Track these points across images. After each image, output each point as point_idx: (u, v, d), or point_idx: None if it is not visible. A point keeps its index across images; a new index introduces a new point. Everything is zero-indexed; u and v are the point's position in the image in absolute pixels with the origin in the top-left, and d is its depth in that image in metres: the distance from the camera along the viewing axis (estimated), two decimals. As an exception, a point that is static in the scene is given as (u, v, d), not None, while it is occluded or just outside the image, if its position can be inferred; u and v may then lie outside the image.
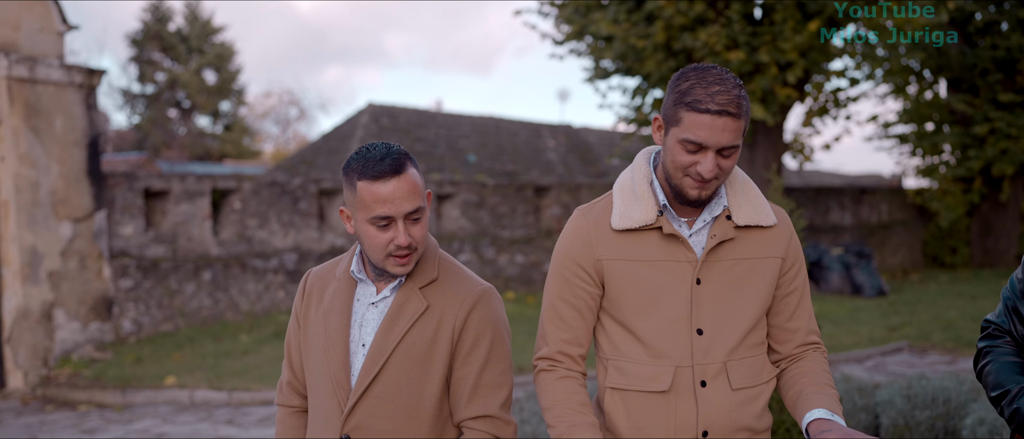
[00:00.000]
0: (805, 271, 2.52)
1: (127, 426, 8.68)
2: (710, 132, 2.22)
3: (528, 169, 26.20)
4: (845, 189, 22.40)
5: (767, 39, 14.83)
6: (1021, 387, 2.28)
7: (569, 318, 2.43)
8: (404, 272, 2.40)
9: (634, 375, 2.39)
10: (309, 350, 2.52)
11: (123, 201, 12.26)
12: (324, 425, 2.46)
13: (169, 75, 42.46)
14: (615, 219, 2.39)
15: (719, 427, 2.36)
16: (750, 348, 2.41)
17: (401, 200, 2.32)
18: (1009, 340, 2.42)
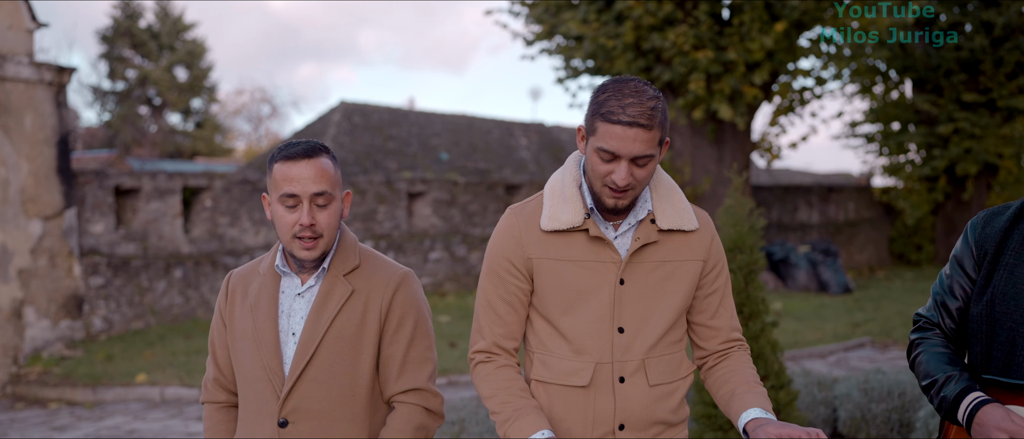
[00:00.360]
0: (727, 272, 2.63)
1: (98, 423, 8.73)
2: (622, 142, 2.31)
3: (500, 167, 26.30)
4: (813, 187, 22.67)
5: (735, 39, 15.02)
6: (948, 376, 2.43)
7: (503, 313, 2.53)
8: (309, 257, 2.52)
9: (557, 369, 2.50)
10: (238, 345, 2.63)
11: (93, 199, 12.26)
12: (258, 413, 2.58)
13: (140, 72, 42.20)
14: (544, 220, 2.48)
15: (635, 421, 2.47)
16: (668, 346, 2.53)
17: (308, 181, 2.47)
18: (938, 332, 2.56)
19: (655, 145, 2.37)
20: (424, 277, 16.43)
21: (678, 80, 15.55)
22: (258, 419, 2.58)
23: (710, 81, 15.46)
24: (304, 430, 2.54)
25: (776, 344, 5.61)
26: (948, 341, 2.54)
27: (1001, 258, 2.42)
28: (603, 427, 2.47)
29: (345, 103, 25.69)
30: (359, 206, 15.72)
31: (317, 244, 2.52)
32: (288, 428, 2.53)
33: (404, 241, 16.20)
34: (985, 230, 2.49)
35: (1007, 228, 2.44)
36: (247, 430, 2.61)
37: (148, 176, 13.05)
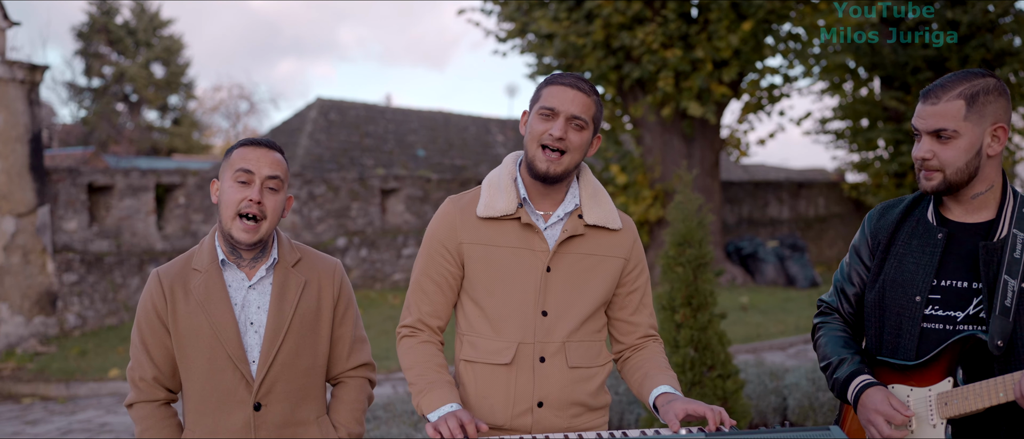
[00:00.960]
0: (647, 273, 2.83)
1: (70, 418, 8.86)
2: (561, 100, 2.58)
3: (477, 163, 26.45)
4: (783, 183, 22.96)
5: (702, 38, 15.25)
6: (842, 358, 2.63)
7: (431, 292, 2.73)
8: (248, 240, 2.69)
9: (483, 349, 2.68)
10: (189, 341, 2.76)
11: (66, 196, 12.37)
12: (223, 402, 2.73)
13: (116, 69, 42.06)
14: (480, 207, 2.68)
15: (553, 400, 2.65)
16: (589, 333, 2.71)
17: (264, 164, 2.71)
18: (838, 317, 2.76)
19: (590, 115, 2.61)
20: (397, 273, 16.59)
21: (647, 77, 15.77)
22: (225, 409, 2.73)
23: (679, 79, 15.68)
24: (277, 410, 2.74)
25: (723, 335, 5.82)
26: (846, 325, 2.74)
27: (892, 248, 2.63)
28: (523, 404, 2.64)
29: (322, 100, 25.77)
30: (333, 202, 15.86)
31: (259, 227, 2.69)
32: (262, 411, 2.73)
33: (377, 237, 16.36)
34: (879, 222, 2.69)
35: (899, 220, 2.65)
36: (210, 421, 2.74)
37: (121, 173, 13.15)
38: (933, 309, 2.51)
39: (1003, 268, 2.43)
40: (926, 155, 2.48)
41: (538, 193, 2.70)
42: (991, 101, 2.46)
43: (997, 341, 2.37)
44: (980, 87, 2.45)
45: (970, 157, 2.47)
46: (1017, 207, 2.51)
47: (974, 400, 2.36)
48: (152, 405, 2.83)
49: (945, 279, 2.52)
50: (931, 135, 2.48)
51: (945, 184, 2.49)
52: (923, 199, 2.66)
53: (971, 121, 2.45)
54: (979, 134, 2.46)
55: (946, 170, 2.48)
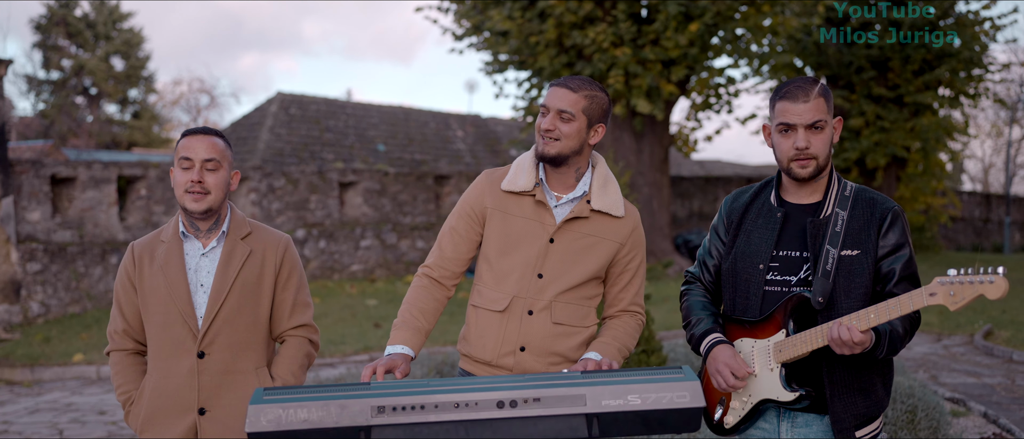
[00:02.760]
0: (642, 258, 3.35)
1: (36, 399, 9.24)
2: (550, 98, 3.17)
3: (437, 158, 26.85)
4: (733, 178, 23.64)
5: (651, 38, 15.82)
6: (698, 319, 3.16)
7: (457, 243, 3.30)
8: (198, 208, 3.23)
9: (486, 297, 3.24)
10: (150, 300, 3.30)
11: (30, 187, 12.71)
12: (175, 351, 3.27)
13: (75, 62, 41.98)
14: (505, 182, 3.26)
15: (534, 347, 3.19)
16: (577, 298, 3.23)
17: (201, 150, 3.23)
18: (700, 285, 3.29)
19: (578, 109, 3.14)
20: (355, 264, 17.03)
21: (598, 75, 16.31)
22: (176, 355, 3.26)
23: (629, 77, 16.25)
24: (218, 359, 3.26)
25: (647, 313, 6.39)
26: (707, 292, 3.27)
27: (742, 225, 3.16)
28: (509, 346, 3.18)
29: (282, 94, 26.05)
30: (292, 195, 16.27)
31: (205, 198, 3.23)
32: (205, 358, 3.25)
33: (335, 229, 16.79)
34: (733, 204, 3.23)
35: (748, 203, 3.19)
36: (164, 367, 3.28)
37: (84, 166, 13.50)
38: (773, 274, 3.05)
39: (826, 239, 2.97)
40: (805, 145, 2.97)
41: (554, 177, 3.24)
42: (831, 99, 3.01)
43: (818, 298, 2.91)
44: (826, 88, 2.99)
45: (830, 145, 3.01)
46: (840, 190, 3.05)
47: (800, 346, 2.90)
48: (123, 353, 3.39)
49: (782, 250, 3.05)
50: (807, 128, 2.97)
51: (817, 169, 2.99)
52: (768, 185, 3.19)
53: (829, 113, 2.99)
54: (832, 125, 3.01)
55: (819, 157, 2.98)
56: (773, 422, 3.08)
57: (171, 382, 3.25)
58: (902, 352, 9.46)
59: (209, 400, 3.24)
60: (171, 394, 3.25)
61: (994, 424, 6.38)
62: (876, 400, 2.99)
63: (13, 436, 7.58)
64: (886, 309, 2.72)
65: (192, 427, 3.23)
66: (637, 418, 2.68)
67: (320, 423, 2.62)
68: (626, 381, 2.69)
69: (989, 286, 2.59)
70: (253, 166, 16.14)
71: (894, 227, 2.96)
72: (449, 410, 2.64)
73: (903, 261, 2.94)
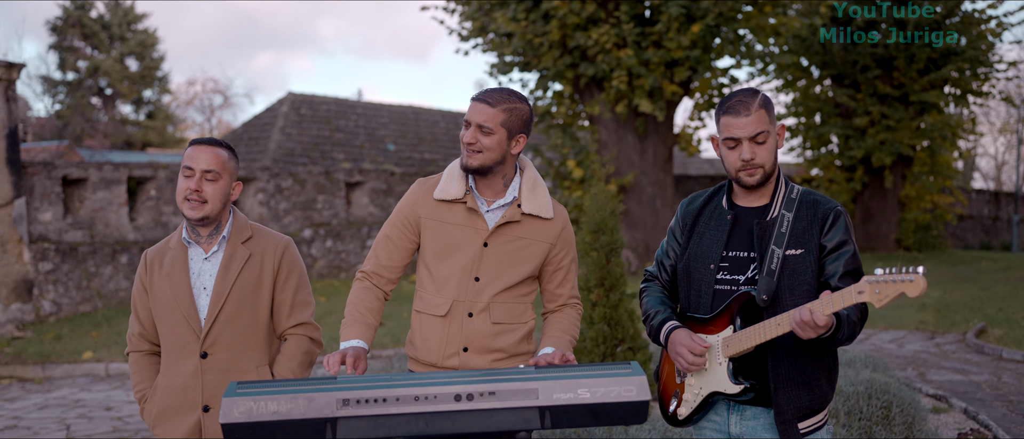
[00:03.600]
0: (573, 255, 3.54)
1: (46, 395, 9.48)
2: (471, 112, 3.31)
3: (446, 157, 27.02)
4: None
5: (654, 39, 15.97)
6: (656, 312, 3.33)
7: (390, 249, 3.46)
8: (195, 215, 3.42)
9: (428, 302, 3.41)
10: (159, 304, 3.51)
11: (42, 188, 12.96)
12: (181, 352, 3.46)
13: (91, 63, 42.37)
14: (437, 191, 3.40)
15: (476, 346, 3.36)
16: (513, 297, 3.41)
17: (202, 161, 3.41)
18: (658, 283, 3.46)
19: (496, 122, 3.28)
20: (361, 262, 17.23)
21: (602, 76, 16.48)
22: (181, 357, 3.46)
23: (632, 78, 16.40)
24: (220, 358, 3.44)
25: (633, 313, 6.55)
26: (664, 289, 3.45)
27: (696, 228, 3.34)
28: (453, 347, 3.36)
29: (293, 94, 26.28)
30: (299, 195, 16.49)
31: (202, 207, 3.42)
32: (208, 358, 3.43)
33: (342, 228, 17.01)
34: (688, 207, 3.40)
35: (701, 207, 3.36)
36: (172, 367, 3.48)
37: (95, 167, 13.75)
38: (723, 274, 3.22)
39: (772, 240, 3.14)
40: (751, 156, 3.15)
41: (483, 184, 3.39)
42: (772, 109, 3.18)
43: (763, 295, 3.08)
44: (766, 97, 3.16)
45: (775, 152, 3.18)
46: (786, 194, 3.22)
47: (746, 341, 3.07)
48: (139, 354, 3.60)
49: (731, 250, 3.22)
50: (751, 140, 3.15)
51: (764, 177, 3.17)
52: (720, 190, 3.36)
53: (771, 123, 3.16)
54: (775, 134, 3.18)
55: (765, 165, 3.16)
56: (723, 414, 3.25)
57: (178, 381, 3.45)
58: (892, 349, 9.60)
59: (212, 398, 3.42)
60: (178, 392, 3.44)
61: (973, 420, 6.52)
62: (820, 393, 3.15)
63: (22, 431, 7.80)
64: (819, 304, 2.88)
65: (197, 424, 3.41)
66: (586, 411, 2.85)
67: (289, 415, 2.80)
68: (576, 376, 2.86)
69: (909, 284, 2.75)
70: (261, 167, 16.36)
71: (836, 226, 3.13)
72: (409, 403, 2.82)
73: (846, 258, 3.11)
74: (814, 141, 23.04)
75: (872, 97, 21.71)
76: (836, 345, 3.07)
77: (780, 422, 3.11)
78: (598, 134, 17.54)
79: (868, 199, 23.07)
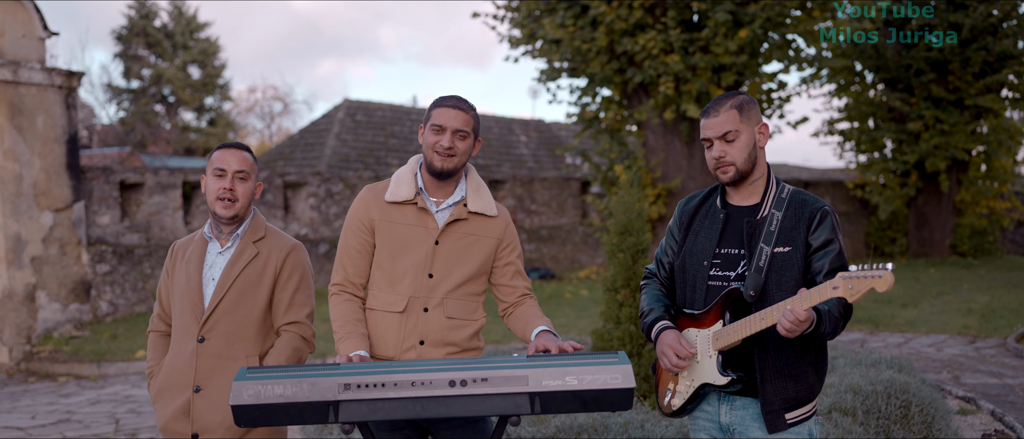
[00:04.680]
0: (519, 249, 3.71)
1: (98, 392, 9.83)
2: (446, 117, 3.47)
3: (499, 163, 27.21)
4: (787, 182, 23.58)
5: (701, 45, 16.01)
6: (651, 309, 3.46)
7: (354, 257, 3.62)
8: (227, 214, 3.66)
9: (383, 300, 3.57)
10: (175, 290, 3.78)
11: (100, 193, 13.39)
12: (185, 335, 3.71)
13: (154, 71, 43.36)
14: (387, 194, 3.59)
15: (432, 340, 3.52)
16: (465, 294, 3.58)
17: (233, 161, 3.66)
18: (656, 280, 3.59)
19: (470, 127, 3.49)
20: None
21: (649, 81, 16.55)
22: (185, 339, 3.71)
23: (679, 83, 16.45)
24: (215, 344, 3.67)
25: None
26: (662, 287, 3.58)
27: (692, 226, 3.46)
28: (409, 342, 3.52)
29: (349, 101, 26.67)
30: (348, 200, 16.79)
31: (234, 206, 3.67)
32: (205, 343, 3.67)
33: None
34: (685, 207, 3.53)
35: (697, 207, 3.49)
36: (176, 348, 3.75)
37: (151, 172, 14.17)
38: (715, 270, 3.34)
39: (761, 238, 3.26)
40: (721, 154, 3.31)
41: (433, 185, 3.58)
42: (753, 108, 3.30)
43: (750, 291, 3.20)
44: (743, 99, 3.30)
45: (749, 150, 3.31)
46: (777, 193, 3.34)
47: (734, 334, 3.19)
48: (156, 333, 3.88)
49: (724, 248, 3.35)
50: (720, 139, 3.30)
51: (738, 174, 3.31)
52: (715, 191, 3.49)
53: (745, 123, 3.28)
54: (751, 133, 3.30)
55: (737, 163, 3.30)
56: (715, 405, 3.37)
57: (179, 362, 3.70)
58: (930, 353, 9.57)
59: (204, 380, 3.66)
60: (177, 372, 3.70)
61: (1000, 421, 6.53)
62: (807, 385, 3.26)
63: (74, 425, 8.13)
64: (798, 299, 2.99)
65: (187, 403, 3.65)
66: (574, 397, 3.00)
67: (294, 397, 2.98)
68: (565, 364, 3.01)
69: (878, 280, 2.86)
70: (313, 172, 16.70)
71: (822, 225, 3.24)
72: (407, 388, 2.98)
73: (831, 256, 3.22)
74: (867, 145, 22.82)
75: (926, 101, 21.47)
76: (819, 340, 3.17)
77: (767, 412, 3.22)
78: (645, 139, 17.60)
79: (922, 205, 22.81)
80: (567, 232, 20.36)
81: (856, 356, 6.68)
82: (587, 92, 18.00)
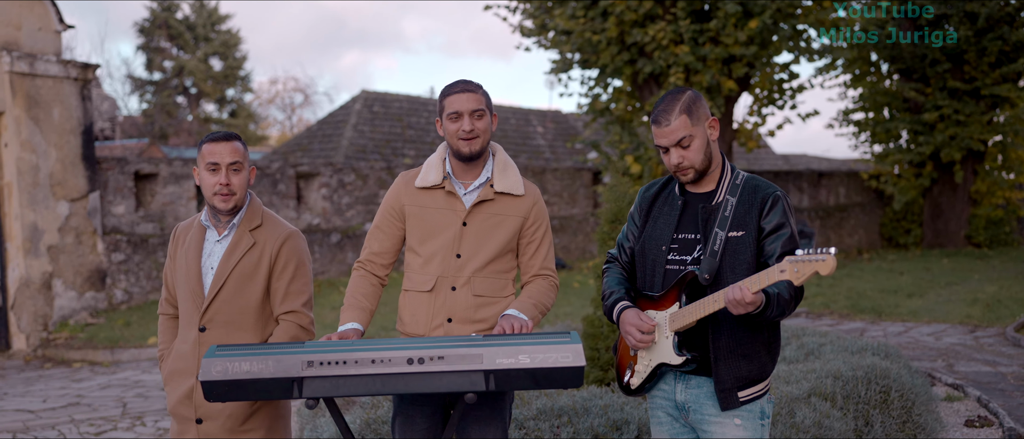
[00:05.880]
0: (546, 228, 3.84)
1: (110, 377, 10.04)
2: (459, 102, 3.63)
3: (516, 154, 27.29)
4: (804, 173, 23.58)
5: (711, 35, 16.05)
6: (612, 291, 3.57)
7: (381, 238, 3.82)
8: (226, 207, 3.73)
9: (414, 280, 3.75)
10: (178, 276, 3.87)
11: (115, 183, 13.62)
12: (187, 323, 3.81)
13: (176, 63, 43.74)
14: (417, 180, 3.77)
15: (459, 317, 3.68)
16: (493, 273, 3.72)
17: (225, 154, 3.71)
18: (618, 265, 3.71)
19: (484, 106, 3.65)
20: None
21: (659, 72, 16.61)
22: (187, 327, 3.81)
23: (689, 74, 16.50)
24: (215, 334, 3.76)
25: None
26: (623, 271, 3.69)
27: (651, 213, 3.58)
28: (438, 319, 3.68)
29: (366, 92, 26.81)
30: (361, 190, 16.96)
31: (231, 198, 3.74)
32: (206, 332, 3.76)
33: (405, 223, 17.41)
34: (645, 194, 3.65)
35: (657, 193, 3.60)
36: (181, 334, 3.84)
37: (165, 162, 14.39)
38: (673, 255, 3.46)
39: (716, 223, 3.37)
40: (679, 161, 3.41)
41: (461, 169, 3.75)
42: (700, 105, 3.40)
43: (705, 274, 3.31)
44: (689, 101, 3.38)
45: (705, 149, 3.41)
46: (731, 180, 3.45)
47: (689, 315, 3.30)
48: (165, 317, 3.98)
49: (681, 233, 3.46)
50: (676, 146, 3.39)
51: (697, 174, 3.42)
52: (674, 179, 3.60)
53: (696, 125, 3.38)
54: (703, 131, 3.40)
55: (695, 165, 3.41)
56: (671, 384, 3.49)
57: (185, 348, 3.80)
58: (928, 342, 9.63)
59: None
60: (183, 358, 3.79)
61: (985, 408, 6.60)
62: (759, 365, 3.37)
63: (83, 408, 8.34)
64: (749, 282, 3.10)
65: (191, 390, 3.75)
66: (527, 375, 3.13)
67: (260, 374, 3.13)
68: (518, 343, 3.14)
69: (821, 263, 2.97)
70: (325, 163, 16.87)
71: (774, 209, 3.35)
72: (367, 365, 3.12)
73: (783, 239, 3.33)
74: (882, 136, 22.77)
75: (942, 91, 21.40)
76: (767, 320, 3.29)
77: (720, 390, 3.34)
78: (657, 130, 17.64)
79: (937, 195, 22.74)
80: (579, 222, 20.45)
81: (843, 343, 6.77)
82: (598, 83, 18.08)
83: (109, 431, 7.43)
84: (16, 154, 12.17)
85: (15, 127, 12.17)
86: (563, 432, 4.96)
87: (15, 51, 12.17)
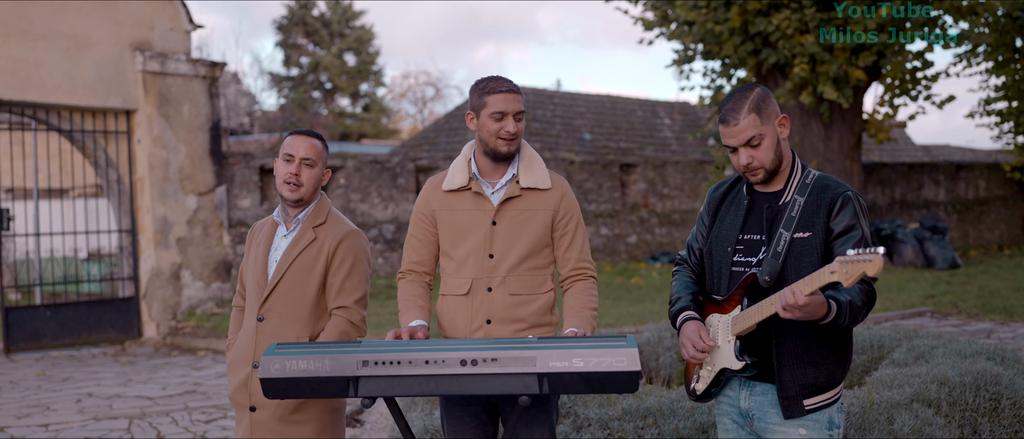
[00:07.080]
0: (578, 219, 3.77)
1: (231, 365, 10.38)
2: (506, 103, 3.60)
3: (642, 147, 27.05)
4: (941, 165, 22.62)
5: (838, 24, 15.54)
6: (679, 297, 3.47)
7: (417, 246, 3.82)
8: (291, 197, 3.84)
9: (450, 285, 3.73)
10: (247, 268, 4.01)
11: (241, 177, 14.07)
12: (251, 312, 3.94)
13: (312, 59, 44.94)
14: (444, 183, 3.75)
15: (498, 317, 3.65)
16: (528, 269, 3.68)
17: (301, 148, 3.82)
18: (687, 267, 3.60)
19: (522, 105, 3.63)
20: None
21: (784, 62, 16.18)
22: (250, 317, 3.94)
23: (815, 64, 16.02)
24: (272, 324, 3.88)
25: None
26: (693, 273, 3.59)
27: (718, 213, 3.47)
28: (477, 321, 3.67)
29: (491, 86, 26.91)
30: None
31: (298, 190, 3.84)
32: (264, 322, 3.88)
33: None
34: (714, 194, 3.54)
35: (726, 192, 3.49)
36: (246, 323, 3.98)
37: (289, 157, 14.78)
38: (738, 256, 3.35)
39: (781, 223, 3.24)
40: (748, 161, 3.29)
41: (488, 168, 3.71)
42: (770, 103, 3.27)
43: (765, 277, 3.19)
44: (758, 98, 3.25)
45: (775, 149, 3.29)
46: (801, 179, 3.31)
47: (749, 319, 3.19)
48: (236, 309, 4.14)
49: (746, 234, 3.35)
50: (746, 146, 3.28)
51: (768, 174, 3.30)
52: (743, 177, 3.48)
53: (766, 123, 3.26)
54: (773, 130, 3.28)
55: (765, 165, 3.29)
56: (736, 390, 3.38)
57: (245, 338, 3.94)
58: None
59: (260, 357, 3.86)
60: (243, 347, 3.93)
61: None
62: (827, 372, 3.23)
63: (198, 395, 8.65)
64: (801, 284, 2.97)
65: (247, 378, 3.87)
66: (581, 378, 3.07)
67: (316, 372, 3.16)
68: (573, 346, 3.09)
69: (868, 264, 2.82)
70: (444, 156, 17.05)
71: (845, 210, 3.20)
72: (421, 366, 3.12)
73: (853, 241, 3.18)
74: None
75: (1091, 79, 20.22)
76: (836, 329, 3.14)
77: (783, 397, 3.21)
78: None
79: (1086, 188, 21.52)
80: (702, 216, 20.15)
81: (957, 346, 6.45)
82: (722, 74, 17.74)
83: (219, 419, 7.68)
84: (148, 150, 12.70)
85: (147, 124, 12.69)
86: (647, 433, 4.88)
87: (148, 51, 12.70)
